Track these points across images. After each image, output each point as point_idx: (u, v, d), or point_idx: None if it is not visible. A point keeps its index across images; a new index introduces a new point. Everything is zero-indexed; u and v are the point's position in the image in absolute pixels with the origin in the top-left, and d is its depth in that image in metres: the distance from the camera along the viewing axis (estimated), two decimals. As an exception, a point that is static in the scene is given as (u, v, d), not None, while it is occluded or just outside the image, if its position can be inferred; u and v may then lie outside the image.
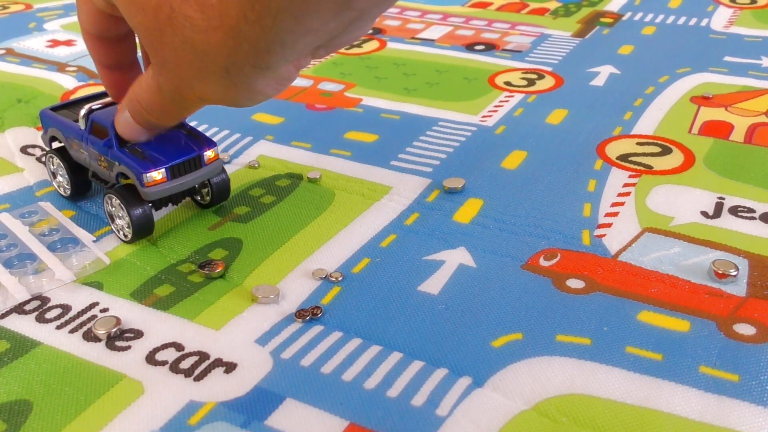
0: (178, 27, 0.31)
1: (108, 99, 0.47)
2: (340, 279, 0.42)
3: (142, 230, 0.45)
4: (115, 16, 0.38)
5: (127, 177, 0.44)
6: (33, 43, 0.83)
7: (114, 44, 0.41)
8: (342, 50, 0.81)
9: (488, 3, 0.99)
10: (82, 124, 0.46)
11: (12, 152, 0.59)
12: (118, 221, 0.46)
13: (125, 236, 0.46)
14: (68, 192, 0.51)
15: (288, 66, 0.34)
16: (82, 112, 0.46)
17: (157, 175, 0.43)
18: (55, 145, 0.51)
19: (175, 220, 0.49)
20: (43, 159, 0.51)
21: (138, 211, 0.44)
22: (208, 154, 0.45)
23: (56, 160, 0.50)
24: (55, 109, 0.51)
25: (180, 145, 0.45)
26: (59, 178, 0.51)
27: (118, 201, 0.45)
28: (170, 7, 0.30)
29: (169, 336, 0.38)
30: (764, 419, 0.33)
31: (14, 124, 0.63)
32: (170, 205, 0.47)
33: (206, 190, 0.49)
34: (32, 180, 0.55)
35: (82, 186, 0.50)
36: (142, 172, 0.43)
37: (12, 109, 0.66)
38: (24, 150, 0.59)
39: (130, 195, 0.44)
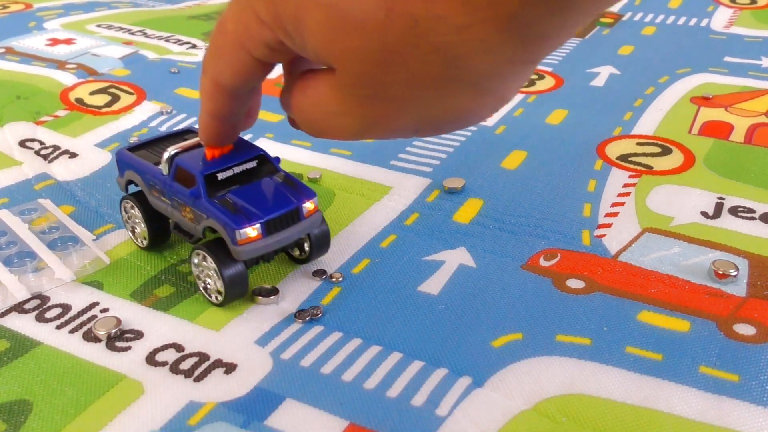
0: (423, 35, 0.25)
1: (193, 140, 0.41)
2: (340, 279, 0.42)
3: (236, 292, 0.39)
4: (269, 63, 0.32)
5: (214, 231, 0.39)
6: (33, 42, 0.83)
7: (243, 97, 0.35)
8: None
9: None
10: (164, 169, 0.41)
11: (11, 146, 0.59)
12: (208, 281, 0.40)
13: (216, 299, 0.40)
14: (145, 242, 0.45)
15: (542, 59, 0.28)
16: (165, 155, 0.41)
17: (252, 231, 0.38)
18: (131, 188, 0.45)
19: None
20: (123, 213, 0.46)
21: (232, 270, 0.39)
22: (307, 205, 0.39)
23: (132, 206, 0.44)
24: (132, 149, 0.45)
25: (276, 196, 0.39)
26: (134, 227, 0.45)
27: (208, 259, 0.39)
28: (411, 15, 0.24)
29: (170, 337, 0.38)
30: (764, 419, 0.33)
31: (13, 119, 0.63)
32: (261, 263, 0.42)
33: (304, 244, 0.43)
34: (31, 173, 0.55)
35: (161, 236, 0.45)
36: (235, 228, 0.37)
37: (11, 105, 0.66)
38: (23, 144, 0.59)
39: (222, 252, 0.39)
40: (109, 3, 1.01)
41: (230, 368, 0.36)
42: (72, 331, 0.39)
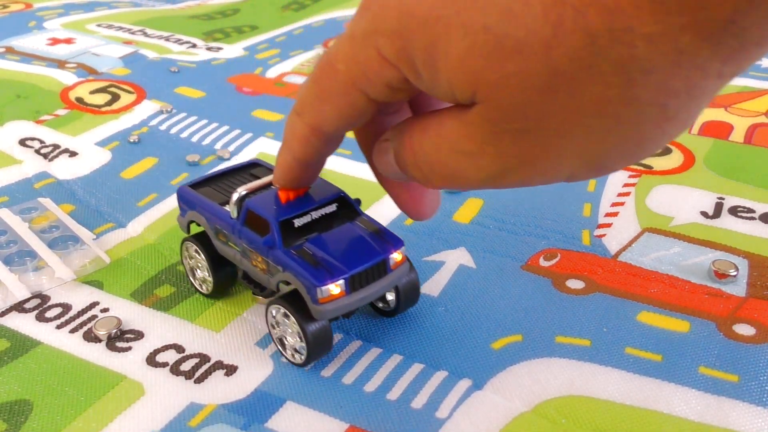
0: (601, 53, 0.21)
1: (264, 180, 0.38)
2: None
3: (320, 349, 0.35)
4: (380, 102, 0.28)
5: (288, 283, 0.35)
6: (33, 42, 0.83)
7: (338, 141, 0.31)
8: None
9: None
10: (233, 212, 0.37)
11: (10, 145, 0.59)
12: (287, 338, 0.36)
13: (293, 356, 0.36)
14: (209, 288, 0.41)
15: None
16: (234, 197, 0.37)
17: (335, 288, 0.33)
18: (193, 228, 0.42)
19: (176, 219, 0.49)
20: (183, 254, 0.42)
21: (315, 326, 0.34)
22: (395, 256, 0.35)
23: (196, 250, 0.41)
24: (195, 185, 0.41)
25: (359, 245, 0.35)
26: (195, 270, 0.41)
27: (289, 315, 0.35)
28: (586, 31, 0.21)
29: (170, 337, 0.38)
30: (764, 420, 0.33)
31: (13, 118, 0.63)
32: (341, 318, 0.37)
33: (390, 296, 0.39)
34: (31, 172, 0.55)
35: (226, 282, 0.40)
36: (317, 285, 0.33)
37: (11, 104, 0.66)
38: (23, 143, 0.59)
39: (304, 306, 0.34)
40: (109, 3, 1.01)
41: (231, 370, 0.36)
42: (72, 331, 0.39)
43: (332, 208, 0.36)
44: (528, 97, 0.23)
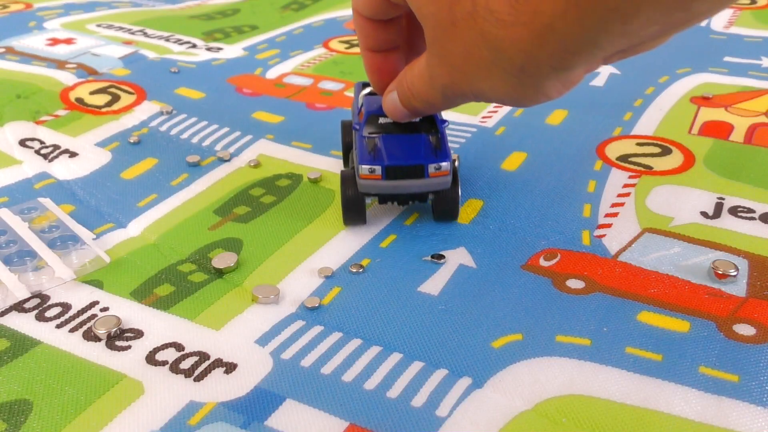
0: (477, 21, 0.30)
1: None
2: (360, 271, 0.43)
3: (349, 214, 0.46)
4: (393, 2, 0.37)
5: None
6: (33, 42, 0.83)
7: (382, 27, 0.41)
8: (341, 49, 0.81)
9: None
10: (360, 101, 0.47)
11: (11, 145, 0.59)
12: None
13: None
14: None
15: (583, 69, 0.32)
16: (364, 91, 0.48)
17: (372, 170, 0.43)
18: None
19: (176, 219, 0.49)
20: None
21: (349, 192, 0.45)
22: (434, 166, 0.43)
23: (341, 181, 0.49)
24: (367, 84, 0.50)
25: (411, 149, 0.44)
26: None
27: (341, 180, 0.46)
28: (472, 0, 0.29)
29: (170, 336, 0.38)
30: (764, 420, 0.33)
31: (13, 118, 0.63)
32: (395, 204, 0.47)
33: (431, 199, 0.47)
34: (31, 172, 0.55)
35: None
36: (359, 163, 0.43)
37: (11, 104, 0.66)
38: (23, 143, 0.59)
39: (352, 178, 0.45)
40: (109, 3, 1.01)
41: (230, 368, 0.36)
42: (72, 330, 0.39)
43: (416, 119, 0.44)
44: (438, 32, 0.33)
